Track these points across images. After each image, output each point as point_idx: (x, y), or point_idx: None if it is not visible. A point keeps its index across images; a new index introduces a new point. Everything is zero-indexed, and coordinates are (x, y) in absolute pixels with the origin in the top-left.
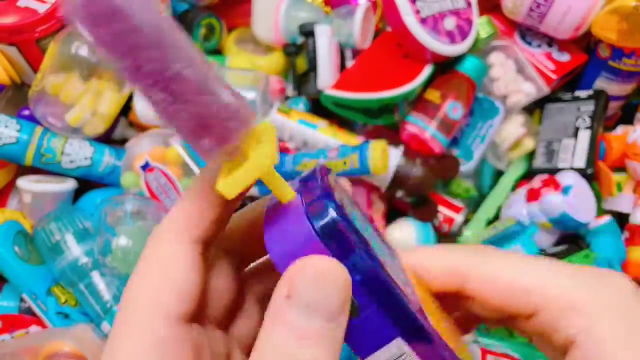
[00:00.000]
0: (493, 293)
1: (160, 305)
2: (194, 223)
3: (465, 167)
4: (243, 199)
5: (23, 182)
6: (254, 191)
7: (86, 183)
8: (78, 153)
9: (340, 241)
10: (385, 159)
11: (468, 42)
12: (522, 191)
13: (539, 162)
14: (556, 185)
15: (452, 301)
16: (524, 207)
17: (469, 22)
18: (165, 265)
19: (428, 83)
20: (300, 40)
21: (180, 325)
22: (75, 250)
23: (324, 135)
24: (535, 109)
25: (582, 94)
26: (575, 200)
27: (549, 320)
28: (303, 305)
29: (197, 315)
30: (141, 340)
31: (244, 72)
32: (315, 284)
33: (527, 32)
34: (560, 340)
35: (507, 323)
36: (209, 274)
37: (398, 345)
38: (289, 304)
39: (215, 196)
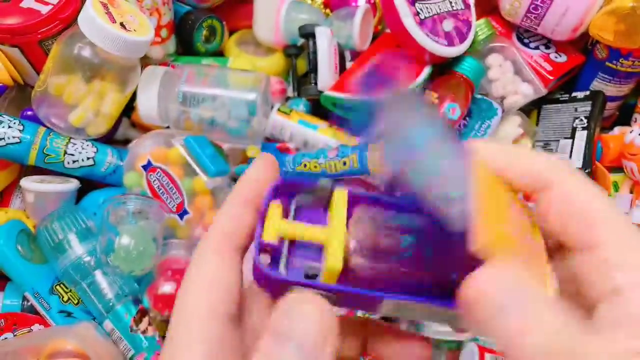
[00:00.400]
0: (564, 212)
1: (213, 308)
2: (236, 232)
3: None
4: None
5: (26, 182)
6: None
7: (89, 183)
8: (81, 153)
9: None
10: None
11: (466, 44)
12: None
13: None
14: None
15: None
16: None
17: (468, 24)
18: (213, 273)
19: (426, 84)
20: (300, 42)
21: (230, 324)
22: (78, 249)
23: (324, 136)
24: (532, 109)
25: (579, 94)
26: None
27: (603, 261)
28: (280, 337)
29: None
30: (200, 339)
31: (244, 73)
32: (293, 317)
33: (525, 34)
34: (600, 287)
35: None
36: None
37: None
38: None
39: (252, 207)
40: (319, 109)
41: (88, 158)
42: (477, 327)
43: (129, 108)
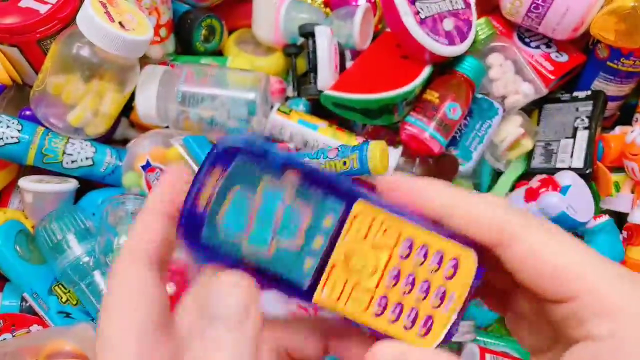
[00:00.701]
0: (531, 268)
1: (140, 323)
2: (154, 243)
3: (464, 167)
4: None
5: (24, 182)
6: None
7: (87, 183)
8: (79, 153)
9: None
10: (385, 159)
11: (467, 43)
12: (521, 191)
13: (538, 162)
14: (555, 185)
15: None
16: (522, 207)
17: (468, 23)
18: (136, 286)
19: (427, 84)
20: (300, 41)
21: (160, 336)
22: (76, 249)
23: (324, 136)
24: (533, 109)
25: (580, 94)
26: (573, 200)
27: (578, 314)
28: (209, 317)
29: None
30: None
31: (244, 73)
32: (217, 296)
33: (526, 33)
34: (576, 335)
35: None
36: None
37: None
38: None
39: (164, 220)
40: (319, 108)
41: (87, 158)
42: None
43: (128, 108)
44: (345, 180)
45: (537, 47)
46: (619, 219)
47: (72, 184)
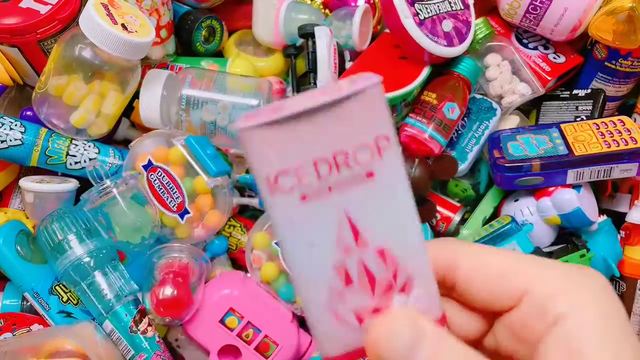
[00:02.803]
0: (481, 280)
1: None
2: None
3: (459, 168)
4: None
5: (25, 182)
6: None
7: (87, 182)
8: (83, 154)
9: None
10: None
11: (466, 44)
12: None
13: None
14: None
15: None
16: (531, 201)
17: (467, 24)
18: None
19: (425, 85)
20: (299, 42)
21: None
22: (77, 250)
23: None
24: (531, 109)
25: (580, 92)
26: (584, 199)
27: (532, 308)
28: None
29: None
30: None
31: (248, 79)
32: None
33: (524, 34)
34: (537, 332)
35: (488, 317)
36: None
37: None
38: None
39: None
40: None
41: (90, 159)
42: None
43: (129, 108)
44: None
45: (535, 48)
46: (617, 218)
47: (72, 184)
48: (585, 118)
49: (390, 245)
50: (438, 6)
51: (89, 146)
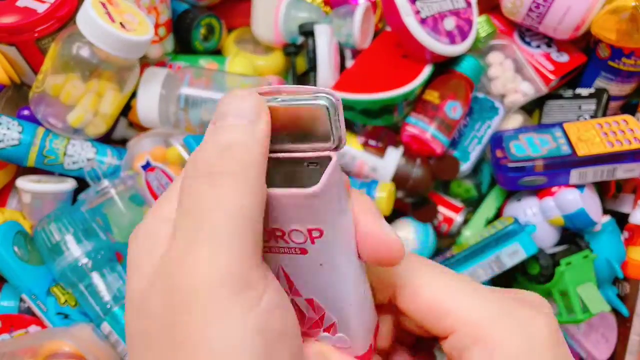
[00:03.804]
0: (415, 310)
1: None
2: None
3: (462, 168)
4: None
5: (22, 182)
6: None
7: (85, 182)
8: (80, 154)
9: None
10: (391, 201)
11: (468, 43)
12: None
13: None
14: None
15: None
16: (534, 201)
17: (469, 23)
18: None
19: (427, 83)
20: (300, 40)
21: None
22: (75, 251)
23: None
24: (535, 109)
25: (583, 91)
26: (587, 199)
27: (457, 347)
28: (221, 115)
29: None
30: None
31: (247, 78)
32: (231, 100)
33: (527, 33)
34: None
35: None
36: None
37: None
38: (212, 124)
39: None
40: None
41: (88, 159)
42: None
43: (126, 107)
44: None
45: (538, 46)
46: (620, 219)
47: (70, 184)
48: (588, 117)
49: (318, 300)
50: (440, 4)
51: (87, 146)
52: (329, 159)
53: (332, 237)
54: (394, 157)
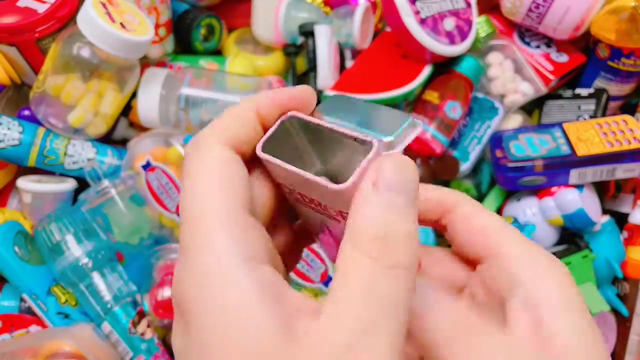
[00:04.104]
0: (466, 229)
1: (230, 199)
2: (241, 131)
3: (461, 168)
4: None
5: (23, 182)
6: None
7: (86, 182)
8: (81, 154)
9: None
10: None
11: (468, 43)
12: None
13: None
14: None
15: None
16: (534, 201)
17: (469, 23)
18: (221, 163)
19: (426, 84)
20: (300, 40)
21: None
22: (75, 251)
23: None
24: (534, 109)
25: (582, 92)
26: (587, 199)
27: (500, 268)
28: (388, 187)
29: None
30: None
31: (247, 78)
32: (400, 170)
33: (526, 33)
34: (503, 289)
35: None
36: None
37: None
38: (375, 189)
39: (251, 119)
40: None
41: (88, 159)
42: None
43: (126, 107)
44: None
45: (538, 47)
46: (620, 219)
47: (70, 184)
48: (587, 117)
49: None
50: (440, 4)
51: (87, 146)
52: (372, 146)
53: None
54: None
